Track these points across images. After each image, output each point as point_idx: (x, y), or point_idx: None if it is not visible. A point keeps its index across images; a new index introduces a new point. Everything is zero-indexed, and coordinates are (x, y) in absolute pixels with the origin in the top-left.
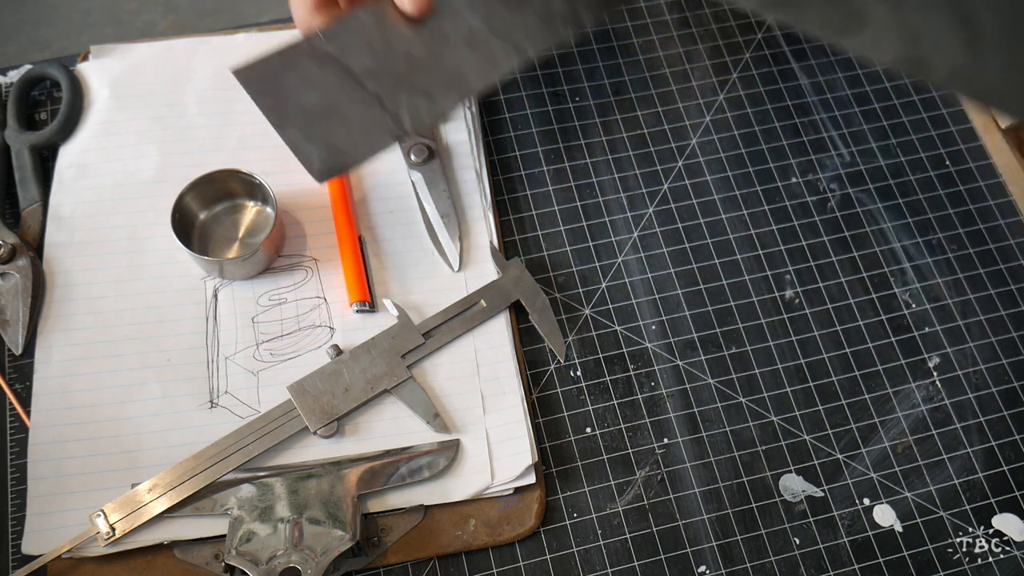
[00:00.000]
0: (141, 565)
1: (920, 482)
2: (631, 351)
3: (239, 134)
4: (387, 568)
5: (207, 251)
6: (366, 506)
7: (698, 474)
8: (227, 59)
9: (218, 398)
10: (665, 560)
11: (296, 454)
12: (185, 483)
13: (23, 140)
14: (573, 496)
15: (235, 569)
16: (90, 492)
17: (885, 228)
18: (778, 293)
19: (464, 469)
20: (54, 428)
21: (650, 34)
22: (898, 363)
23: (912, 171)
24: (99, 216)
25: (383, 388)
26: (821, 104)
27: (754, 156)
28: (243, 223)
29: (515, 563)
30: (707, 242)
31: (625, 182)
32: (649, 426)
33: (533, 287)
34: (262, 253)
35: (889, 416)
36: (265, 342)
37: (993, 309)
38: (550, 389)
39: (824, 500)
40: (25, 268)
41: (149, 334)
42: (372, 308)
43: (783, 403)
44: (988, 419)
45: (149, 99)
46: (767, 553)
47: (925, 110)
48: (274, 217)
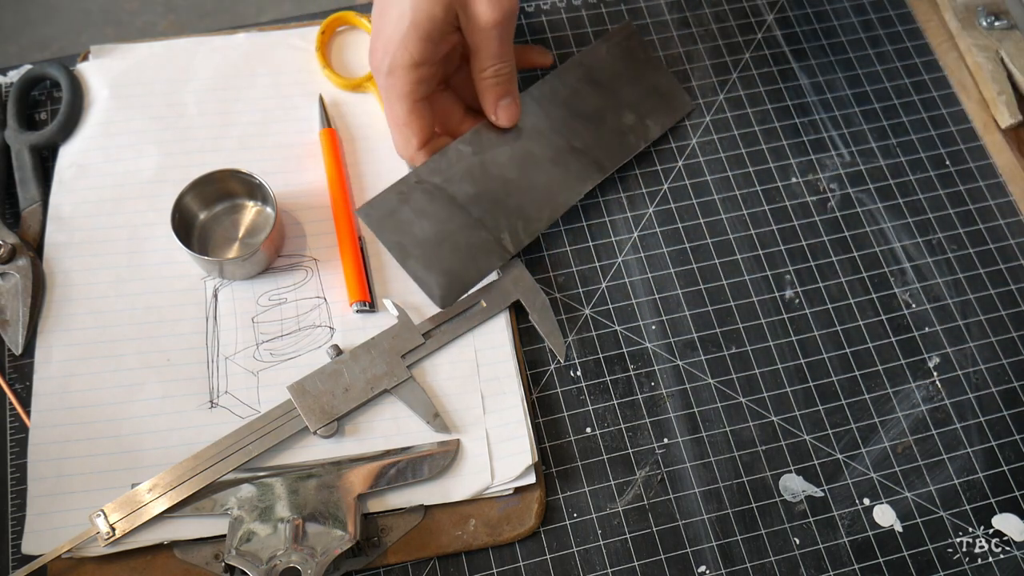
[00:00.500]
0: (141, 565)
1: (920, 482)
2: (631, 351)
3: (239, 134)
4: (387, 568)
5: (207, 251)
6: (366, 506)
7: (698, 474)
8: (227, 59)
9: (218, 398)
10: (665, 560)
11: (296, 454)
12: (185, 483)
13: (23, 140)
14: (573, 496)
15: (235, 569)
16: (90, 492)
17: (885, 228)
18: (778, 293)
19: (464, 469)
20: (54, 428)
21: (650, 34)
22: (898, 363)
23: (912, 171)
24: (99, 216)
25: (383, 388)
26: (821, 104)
27: (754, 156)
28: (243, 223)
29: (515, 563)
30: (707, 242)
31: (625, 182)
32: (649, 426)
33: (533, 287)
34: (262, 253)
35: (889, 416)
36: (265, 342)
37: (993, 309)
38: (550, 389)
39: (824, 500)
40: (25, 268)
41: (149, 334)
42: (372, 308)
43: (783, 403)
44: (988, 419)
45: (149, 99)
46: (767, 553)
47: (925, 110)
48: (274, 217)
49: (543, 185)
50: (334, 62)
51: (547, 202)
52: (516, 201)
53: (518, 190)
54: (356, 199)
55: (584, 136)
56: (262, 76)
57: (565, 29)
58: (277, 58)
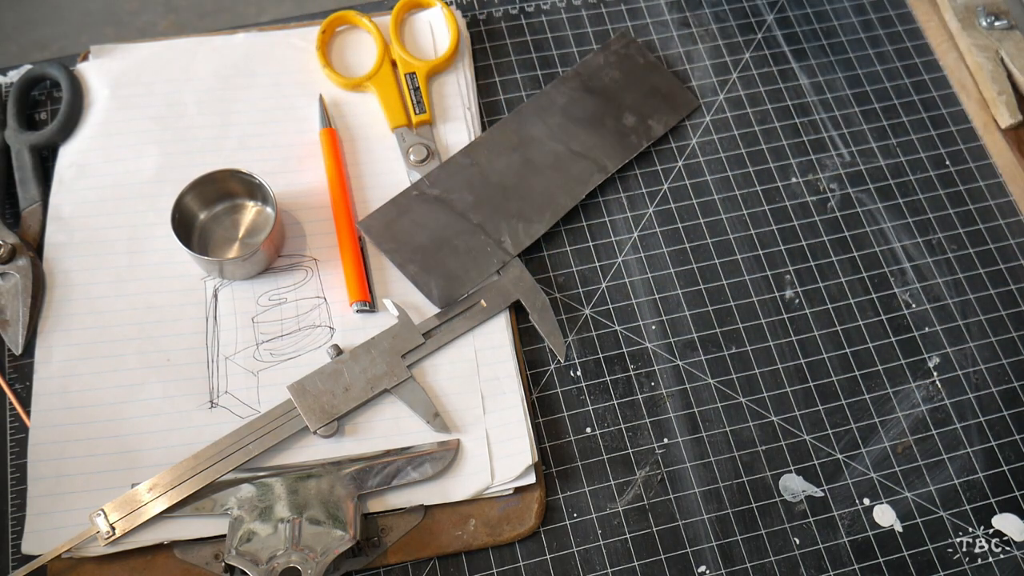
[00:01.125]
0: (141, 565)
1: (920, 482)
2: (631, 351)
3: (239, 134)
4: (387, 568)
5: (207, 251)
6: (366, 506)
7: (698, 474)
8: (227, 59)
9: (218, 398)
10: (665, 560)
11: (296, 454)
12: (185, 483)
13: (23, 140)
14: (573, 496)
15: (235, 569)
16: (90, 492)
17: (885, 228)
18: (778, 293)
19: (464, 469)
20: (54, 428)
21: (650, 34)
22: (898, 363)
23: (912, 171)
24: (99, 216)
25: (383, 388)
26: (821, 104)
27: (754, 156)
28: (243, 223)
29: (515, 563)
30: (707, 242)
31: (625, 182)
32: (649, 426)
33: (533, 287)
34: (262, 253)
35: (889, 416)
36: (265, 342)
37: (993, 309)
38: (550, 389)
39: (824, 500)
40: (25, 268)
41: (149, 334)
42: (372, 308)
43: (783, 403)
44: (988, 419)
45: (149, 99)
46: (767, 553)
47: (925, 110)
48: (274, 217)
49: (543, 188)
50: (334, 62)
51: (548, 204)
52: (516, 206)
53: (518, 195)
54: (356, 199)
55: (583, 139)
56: (262, 76)
57: (565, 29)
58: (277, 58)
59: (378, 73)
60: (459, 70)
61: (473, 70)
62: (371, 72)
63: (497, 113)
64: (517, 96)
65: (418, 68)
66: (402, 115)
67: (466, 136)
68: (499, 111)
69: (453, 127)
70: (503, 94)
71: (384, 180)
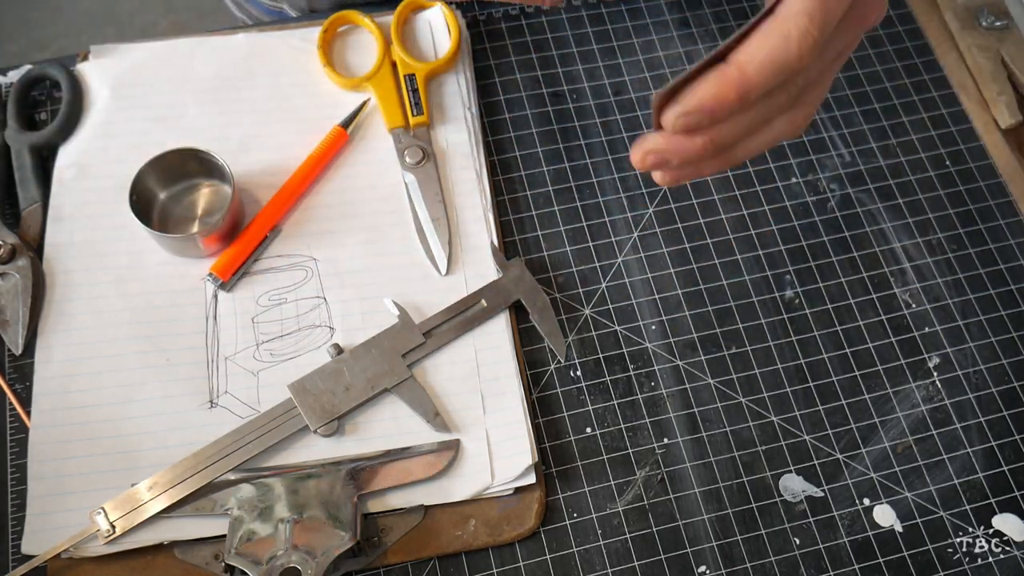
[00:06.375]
0: (141, 565)
1: (920, 482)
2: (631, 351)
3: (239, 134)
4: (387, 568)
5: (167, 231)
6: (366, 506)
7: (698, 474)
8: (227, 59)
9: (218, 398)
10: (665, 560)
11: (296, 454)
12: (185, 482)
13: (23, 140)
14: (573, 496)
15: (235, 569)
16: (90, 492)
17: (885, 228)
18: (778, 293)
19: (464, 469)
20: (54, 428)
21: (650, 34)
22: (898, 363)
23: (912, 171)
24: (99, 216)
25: (384, 387)
26: (821, 104)
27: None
28: (200, 203)
29: (515, 563)
30: (707, 242)
31: (625, 182)
32: (649, 426)
33: (533, 287)
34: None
35: (889, 416)
36: (265, 342)
37: (993, 309)
38: (550, 389)
39: (824, 500)
40: (25, 268)
41: (149, 334)
42: (225, 286)
43: (783, 403)
44: (988, 419)
45: (149, 99)
46: (767, 553)
47: (925, 110)
48: (231, 195)
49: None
50: (335, 62)
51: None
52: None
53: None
54: (348, 200)
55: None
56: (262, 76)
57: (565, 29)
58: (277, 58)
59: (378, 74)
60: (459, 71)
61: (473, 70)
62: (371, 73)
63: (498, 112)
64: (517, 96)
65: (417, 70)
66: (400, 116)
67: (466, 136)
68: (499, 111)
69: (453, 127)
70: (503, 95)
71: (378, 181)
